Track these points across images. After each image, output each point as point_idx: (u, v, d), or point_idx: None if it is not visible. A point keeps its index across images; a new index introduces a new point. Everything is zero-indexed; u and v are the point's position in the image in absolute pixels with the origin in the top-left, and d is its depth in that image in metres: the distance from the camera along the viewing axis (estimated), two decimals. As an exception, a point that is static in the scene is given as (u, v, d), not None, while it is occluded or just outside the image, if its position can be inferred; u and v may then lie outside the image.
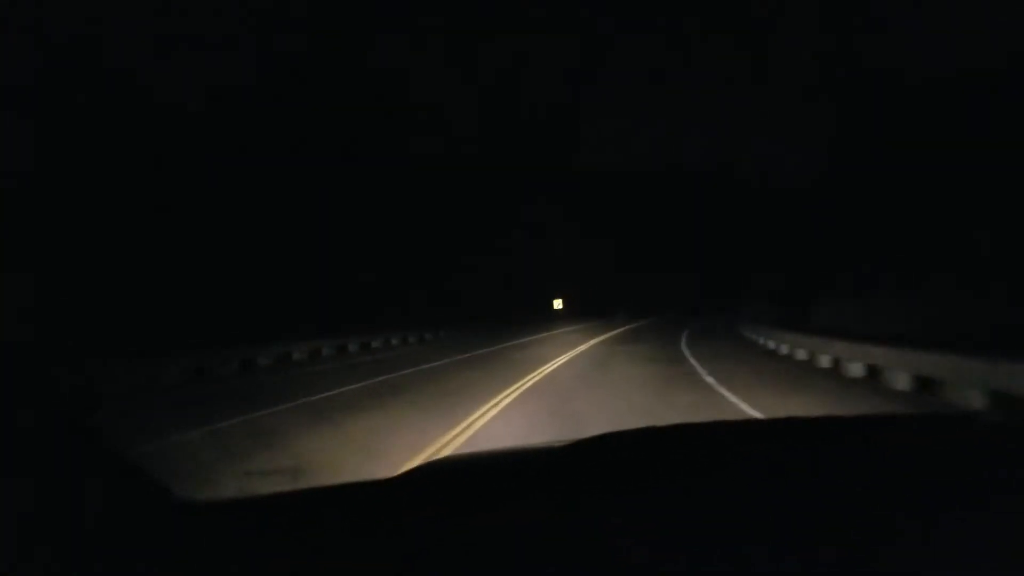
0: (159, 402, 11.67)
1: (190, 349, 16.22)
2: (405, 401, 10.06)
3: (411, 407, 9.36)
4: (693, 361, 15.79)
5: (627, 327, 37.75)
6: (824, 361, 14.28)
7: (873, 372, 11.83)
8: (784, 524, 0.96)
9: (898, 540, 0.91)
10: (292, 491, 1.30)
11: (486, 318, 41.41)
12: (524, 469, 1.37)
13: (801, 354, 15.88)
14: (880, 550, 0.89)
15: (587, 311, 60.03)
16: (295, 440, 7.11)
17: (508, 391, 10.69)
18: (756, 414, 8.24)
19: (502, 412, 8.64)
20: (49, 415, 1.08)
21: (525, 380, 12.35)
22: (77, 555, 0.92)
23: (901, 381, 10.56)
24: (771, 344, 19.20)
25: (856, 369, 12.42)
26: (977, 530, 0.92)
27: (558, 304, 60.97)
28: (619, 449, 1.38)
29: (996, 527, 0.92)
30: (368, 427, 7.82)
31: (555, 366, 15.31)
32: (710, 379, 12.02)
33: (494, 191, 57.18)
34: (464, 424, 7.77)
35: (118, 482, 1.07)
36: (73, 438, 1.09)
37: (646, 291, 78.73)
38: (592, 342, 24.53)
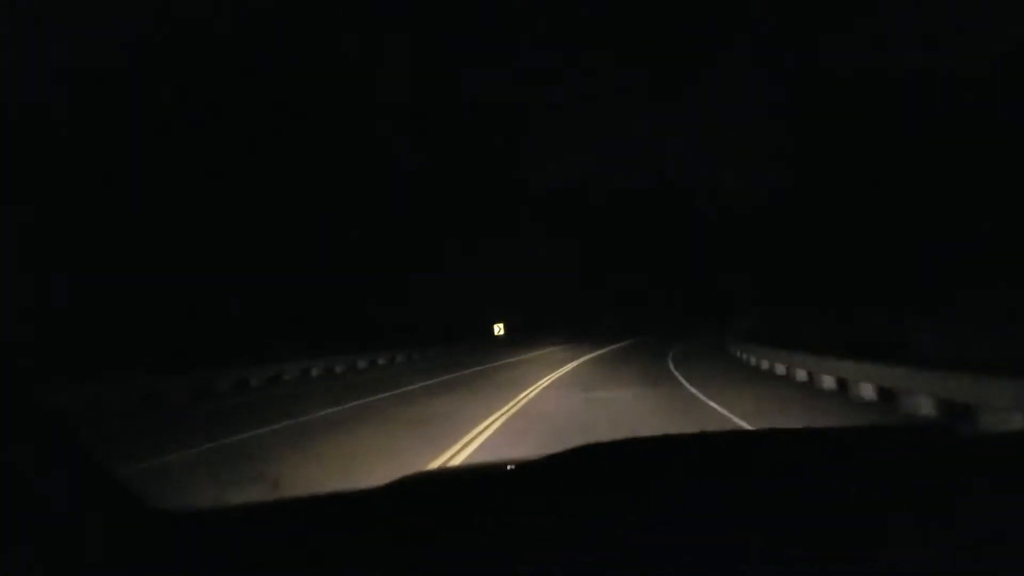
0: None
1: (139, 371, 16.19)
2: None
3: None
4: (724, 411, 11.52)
5: (597, 352, 32.50)
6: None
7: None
8: (765, 534, 0.97)
9: (878, 552, 0.92)
10: (273, 501, 1.31)
11: (418, 343, 36.30)
12: (504, 482, 1.39)
13: (926, 406, 10.33)
14: (859, 563, 0.90)
15: (536, 336, 54.51)
16: None
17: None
18: None
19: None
20: (29, 424, 1.05)
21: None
22: (60, 565, 0.92)
23: None
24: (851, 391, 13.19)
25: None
26: (960, 541, 0.93)
27: (499, 329, 55.23)
28: (601, 460, 1.38)
29: (982, 535, 0.94)
30: None
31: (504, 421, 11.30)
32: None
33: (439, 209, 52.56)
34: None
35: (98, 493, 1.06)
36: (54, 449, 1.06)
37: (602, 313, 74.84)
38: (555, 376, 20.39)
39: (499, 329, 56.19)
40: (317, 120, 40.59)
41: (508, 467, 1.49)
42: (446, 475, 1.57)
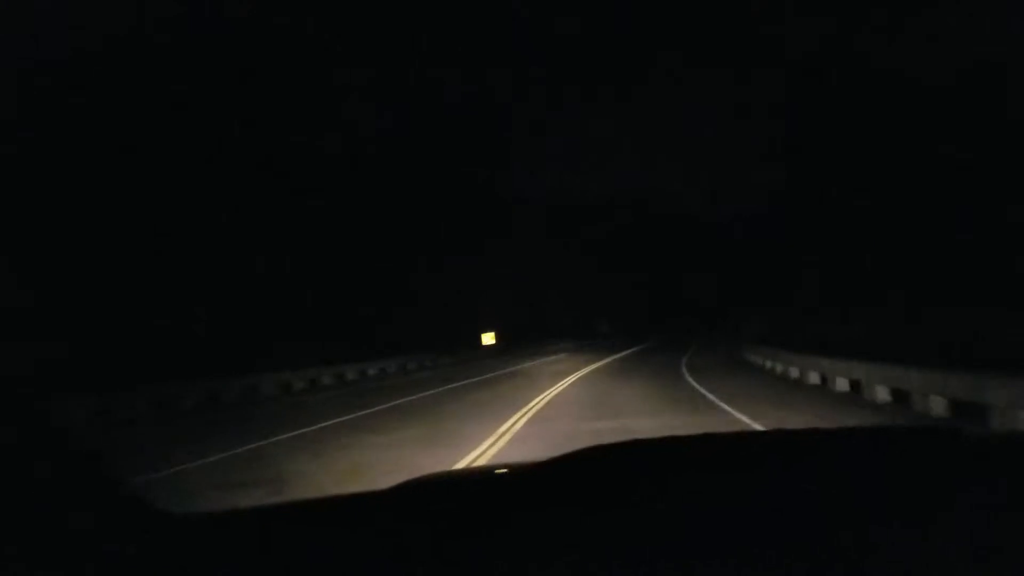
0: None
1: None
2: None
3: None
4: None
5: (600, 363, 28.03)
6: None
7: None
8: (769, 538, 0.97)
9: (877, 554, 0.91)
10: (277, 504, 1.31)
11: (402, 352, 33.00)
12: (510, 485, 1.40)
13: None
14: (860, 565, 0.90)
15: (530, 344, 50.58)
16: None
17: None
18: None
19: None
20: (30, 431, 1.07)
21: None
22: (63, 568, 0.92)
23: None
24: None
25: None
26: (957, 547, 0.92)
27: (488, 338, 51.20)
28: (605, 462, 1.38)
29: (976, 542, 0.93)
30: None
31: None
32: None
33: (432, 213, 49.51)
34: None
35: (101, 497, 1.06)
36: (56, 457, 1.07)
37: (600, 321, 71.54)
38: (552, 394, 16.35)
39: (489, 338, 52.09)
40: (313, 129, 38.54)
41: (506, 470, 1.51)
42: (453, 477, 1.59)
